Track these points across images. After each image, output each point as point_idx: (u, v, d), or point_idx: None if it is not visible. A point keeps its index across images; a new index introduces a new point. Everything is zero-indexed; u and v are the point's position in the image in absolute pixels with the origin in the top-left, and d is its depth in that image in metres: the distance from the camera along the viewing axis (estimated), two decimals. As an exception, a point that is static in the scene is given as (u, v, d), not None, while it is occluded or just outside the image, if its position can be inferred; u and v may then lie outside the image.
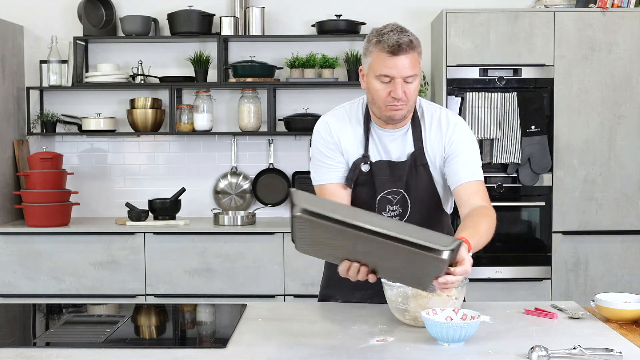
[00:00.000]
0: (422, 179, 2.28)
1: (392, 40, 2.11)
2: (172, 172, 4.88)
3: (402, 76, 2.14)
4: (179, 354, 1.84)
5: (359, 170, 2.28)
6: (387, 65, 2.13)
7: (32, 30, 4.83)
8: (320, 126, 2.35)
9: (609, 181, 4.30)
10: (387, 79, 2.15)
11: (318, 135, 2.34)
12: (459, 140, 2.27)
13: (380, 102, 2.19)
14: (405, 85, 2.15)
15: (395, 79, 2.14)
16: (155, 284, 4.35)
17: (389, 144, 2.29)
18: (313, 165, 2.36)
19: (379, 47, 2.14)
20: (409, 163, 2.27)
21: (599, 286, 4.26)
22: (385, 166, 2.28)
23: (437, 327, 1.87)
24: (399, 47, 2.11)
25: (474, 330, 1.89)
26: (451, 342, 1.88)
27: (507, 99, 4.22)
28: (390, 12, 4.77)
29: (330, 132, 2.32)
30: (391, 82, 2.15)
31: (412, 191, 2.28)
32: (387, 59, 2.13)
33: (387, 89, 2.16)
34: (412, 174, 2.27)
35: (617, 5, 4.31)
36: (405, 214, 2.29)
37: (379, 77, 2.16)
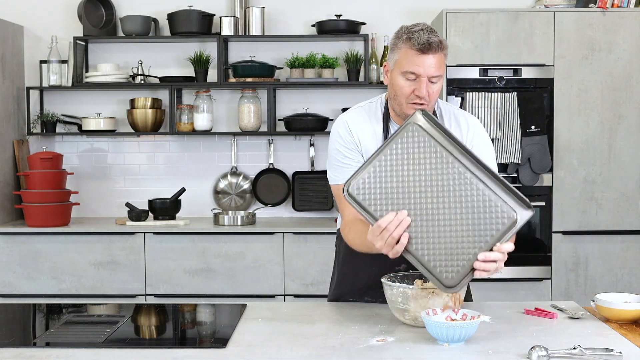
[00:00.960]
0: None
1: (423, 38, 2.13)
2: (172, 172, 4.88)
3: (428, 75, 2.15)
4: (179, 354, 1.85)
5: None
6: (415, 63, 2.14)
7: (32, 30, 4.83)
8: (339, 126, 2.34)
9: (609, 181, 4.30)
10: (413, 77, 2.16)
11: (337, 135, 2.33)
12: (479, 143, 2.29)
13: (402, 98, 2.20)
14: (429, 85, 2.16)
15: (421, 77, 2.15)
16: (155, 284, 4.35)
17: None
18: (331, 166, 2.35)
19: (409, 44, 2.15)
20: None
21: (599, 286, 4.26)
22: None
23: (437, 327, 1.87)
24: (429, 45, 2.12)
25: (473, 330, 1.89)
26: (451, 342, 1.88)
27: (507, 99, 4.22)
28: (390, 12, 4.77)
29: (350, 131, 2.31)
30: (416, 80, 2.16)
31: None
32: (415, 56, 2.14)
33: (411, 86, 2.17)
34: None
35: (617, 5, 4.31)
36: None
37: (405, 74, 2.16)
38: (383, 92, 2.45)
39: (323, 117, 4.66)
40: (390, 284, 2.07)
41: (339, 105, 4.75)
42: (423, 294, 2.00)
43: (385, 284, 2.08)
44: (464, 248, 1.90)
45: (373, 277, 2.30)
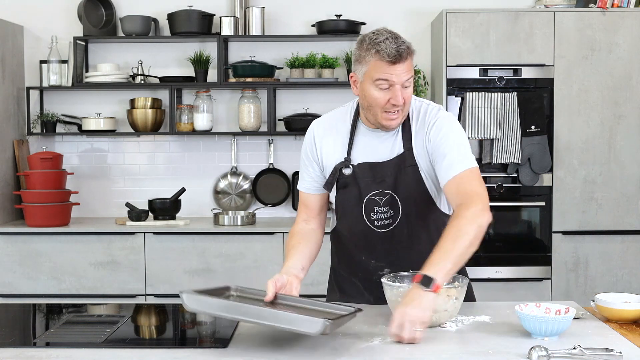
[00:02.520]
0: (411, 180, 2.23)
1: (391, 49, 2.10)
2: (172, 172, 4.88)
3: (401, 82, 2.13)
4: (179, 354, 1.84)
5: (340, 174, 2.27)
6: (387, 72, 2.11)
7: (32, 30, 4.83)
8: (308, 134, 2.38)
9: (609, 181, 4.30)
10: (386, 85, 2.13)
11: (304, 140, 2.39)
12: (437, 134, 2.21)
13: (377, 109, 2.17)
14: (403, 91, 2.14)
15: (394, 85, 2.12)
16: (155, 284, 4.35)
17: (378, 145, 2.26)
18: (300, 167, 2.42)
19: (378, 56, 2.10)
20: (394, 163, 2.23)
21: (599, 286, 4.26)
22: (367, 168, 2.25)
23: (534, 321, 1.91)
24: (400, 56, 2.10)
25: (568, 325, 1.93)
26: (549, 335, 1.91)
27: (507, 99, 4.22)
28: (390, 12, 4.77)
29: (313, 138, 2.34)
30: (390, 89, 2.13)
31: (400, 192, 2.24)
32: (386, 67, 2.11)
33: (386, 95, 2.14)
34: (400, 174, 2.23)
35: (617, 5, 4.31)
36: (397, 215, 2.25)
37: (377, 83, 2.13)
38: None
39: (323, 117, 4.65)
40: (390, 284, 2.07)
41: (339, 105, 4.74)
42: (423, 294, 2.00)
43: (385, 284, 2.08)
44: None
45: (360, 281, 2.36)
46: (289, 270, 2.20)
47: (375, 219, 2.27)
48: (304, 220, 2.39)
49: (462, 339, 1.94)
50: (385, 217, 2.26)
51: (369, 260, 2.32)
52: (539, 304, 2.02)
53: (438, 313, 2.01)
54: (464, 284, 2.08)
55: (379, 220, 2.27)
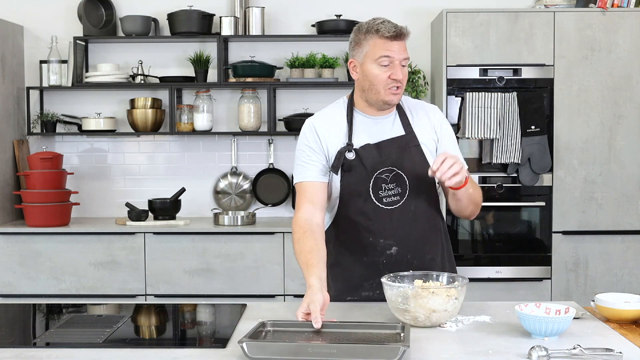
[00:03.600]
0: (416, 158, 2.35)
1: (390, 27, 2.28)
2: (172, 172, 4.88)
3: (400, 58, 2.28)
4: (179, 354, 1.84)
5: (344, 158, 2.33)
6: (387, 48, 2.27)
7: (32, 30, 4.83)
8: (305, 128, 2.43)
9: (609, 181, 4.30)
10: (386, 62, 2.27)
11: (302, 136, 2.42)
12: (444, 126, 2.43)
13: (380, 86, 2.29)
14: (402, 69, 2.29)
15: (394, 61, 2.27)
16: (155, 284, 4.35)
17: (377, 130, 2.37)
18: (295, 168, 2.42)
19: (378, 34, 2.28)
20: (398, 142, 2.35)
21: (599, 286, 4.26)
22: (371, 148, 2.34)
23: (534, 321, 1.91)
24: (400, 31, 2.28)
25: (568, 324, 1.94)
26: (549, 335, 1.91)
27: (507, 99, 4.22)
28: (390, 12, 4.76)
29: (315, 130, 2.39)
30: (390, 65, 2.27)
31: (406, 169, 2.33)
32: (387, 43, 2.27)
33: (386, 72, 2.28)
34: (404, 153, 2.34)
35: (617, 5, 4.31)
36: (405, 192, 2.34)
37: (379, 60, 2.27)
38: None
39: (323, 117, 4.65)
40: (390, 284, 2.07)
41: (339, 105, 4.74)
42: (423, 294, 2.00)
43: (385, 284, 2.08)
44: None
45: (365, 267, 2.37)
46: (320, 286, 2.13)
47: (384, 197, 2.34)
48: (309, 212, 2.34)
49: (462, 339, 1.94)
50: (393, 193, 2.34)
51: (377, 240, 2.35)
52: (539, 304, 2.02)
53: (438, 313, 2.01)
54: (464, 284, 2.08)
55: (387, 197, 2.34)
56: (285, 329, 1.96)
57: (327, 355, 1.74)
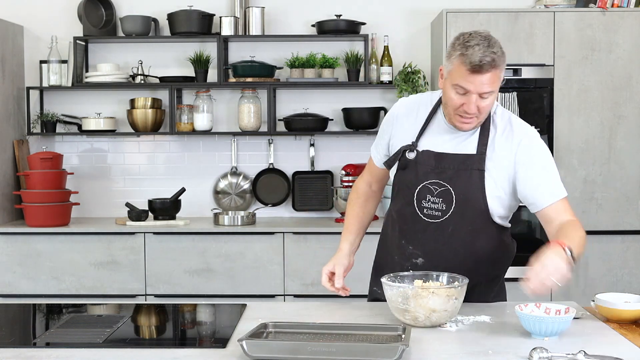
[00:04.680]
0: (473, 182, 2.22)
1: (476, 57, 2.09)
2: (172, 172, 4.88)
3: (479, 92, 2.12)
4: (179, 354, 1.84)
5: (403, 156, 2.30)
6: (466, 80, 2.11)
7: (32, 30, 4.83)
8: (394, 106, 2.43)
9: (609, 181, 4.30)
10: (462, 91, 2.13)
11: (389, 112, 2.43)
12: (528, 159, 2.22)
13: (451, 109, 2.19)
14: (479, 100, 2.14)
15: (471, 94, 2.13)
16: (155, 284, 4.35)
17: (449, 140, 2.27)
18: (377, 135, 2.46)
19: (462, 59, 2.10)
20: (461, 160, 2.23)
21: (599, 286, 4.26)
22: (431, 156, 2.26)
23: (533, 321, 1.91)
24: (480, 67, 2.09)
25: (568, 324, 1.93)
26: (549, 335, 1.91)
27: (507, 99, 4.22)
28: (390, 12, 4.77)
29: (394, 116, 2.39)
30: (466, 95, 2.13)
31: (458, 188, 2.23)
32: (467, 74, 2.10)
33: (461, 100, 2.15)
34: (462, 172, 2.23)
35: (617, 5, 4.31)
36: (449, 211, 2.24)
37: (455, 87, 2.14)
38: (383, 92, 2.50)
39: (323, 117, 4.66)
40: (390, 284, 2.07)
41: (339, 105, 4.75)
42: (423, 294, 2.00)
43: (385, 284, 2.08)
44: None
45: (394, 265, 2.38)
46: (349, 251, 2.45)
47: (425, 207, 2.28)
48: (367, 182, 2.52)
49: (462, 339, 1.94)
50: (436, 208, 2.27)
51: (407, 246, 2.34)
52: (539, 304, 2.02)
53: (438, 313, 2.01)
54: (464, 284, 2.08)
55: (429, 209, 2.28)
56: (287, 330, 1.96)
57: (327, 354, 1.74)
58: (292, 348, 1.77)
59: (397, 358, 1.70)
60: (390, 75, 4.61)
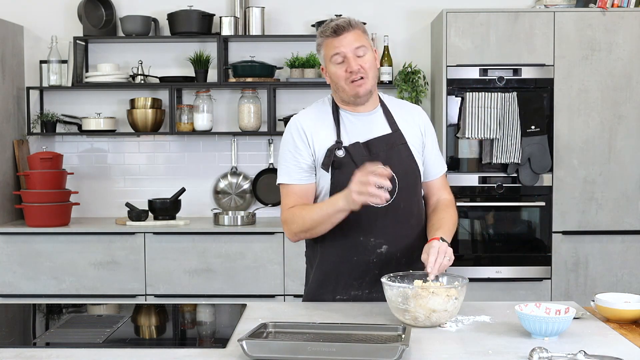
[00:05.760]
0: (403, 157, 2.38)
1: (331, 24, 2.33)
2: (172, 172, 4.88)
3: (351, 49, 2.30)
4: (179, 354, 1.84)
5: (334, 156, 2.34)
6: (334, 45, 2.32)
7: (32, 30, 4.83)
8: (290, 127, 2.42)
9: (609, 181, 4.30)
10: (340, 59, 2.32)
11: (289, 135, 2.41)
12: (430, 128, 2.49)
13: (342, 82, 2.34)
14: (358, 59, 2.31)
15: (346, 55, 2.31)
16: (155, 284, 4.35)
17: (364, 127, 2.39)
18: (280, 167, 2.41)
19: (323, 36, 2.34)
20: (386, 140, 2.37)
21: (599, 286, 4.26)
22: (360, 146, 2.35)
23: (534, 321, 1.91)
24: (339, 28, 2.31)
25: (568, 325, 1.93)
26: (549, 336, 1.91)
27: (507, 99, 4.22)
28: (390, 12, 4.77)
29: (302, 128, 2.39)
30: (344, 61, 2.31)
31: (395, 167, 2.29)
32: (332, 40, 2.32)
33: (342, 67, 2.32)
34: (392, 151, 2.37)
35: (617, 5, 4.31)
36: (394, 190, 2.30)
37: (333, 59, 2.33)
38: (383, 92, 2.52)
39: (323, 117, 4.66)
40: (390, 284, 2.07)
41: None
42: (423, 294, 2.00)
43: (385, 284, 2.08)
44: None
45: (355, 266, 2.37)
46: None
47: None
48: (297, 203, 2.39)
49: (462, 339, 1.94)
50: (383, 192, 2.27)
51: (368, 239, 2.35)
52: (539, 304, 2.02)
53: (438, 313, 2.01)
54: (464, 284, 2.08)
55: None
56: (287, 330, 1.96)
57: (327, 354, 1.74)
58: (292, 348, 1.77)
59: (397, 358, 1.70)
60: (390, 75, 4.61)
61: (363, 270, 2.37)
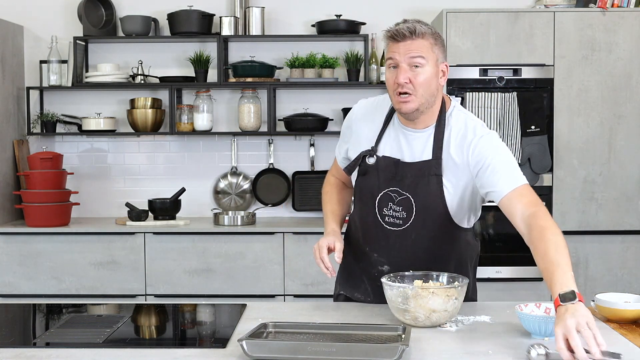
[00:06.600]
0: (431, 189, 2.20)
1: (396, 27, 2.15)
2: (172, 172, 4.88)
3: (406, 58, 2.11)
4: (179, 354, 1.84)
5: (363, 162, 2.28)
6: (392, 50, 2.15)
7: (32, 30, 4.83)
8: (353, 109, 2.42)
9: (609, 181, 4.30)
10: (393, 63, 2.15)
11: (349, 115, 2.42)
12: (485, 150, 2.16)
13: (390, 92, 2.18)
14: (411, 71, 2.12)
15: (399, 64, 2.13)
16: (155, 284, 4.35)
17: (407, 145, 2.24)
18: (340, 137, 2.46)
19: (386, 37, 2.17)
20: (418, 167, 2.20)
21: (599, 286, 4.26)
22: (390, 163, 2.24)
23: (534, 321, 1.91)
24: (400, 33, 2.12)
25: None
26: (550, 336, 1.90)
27: (507, 99, 4.22)
28: (390, 12, 4.77)
29: (354, 116, 2.38)
30: (397, 68, 2.14)
31: (417, 196, 2.21)
32: (392, 45, 2.15)
33: (393, 75, 2.15)
34: (421, 180, 2.20)
35: (617, 5, 4.31)
36: (409, 219, 2.23)
37: (388, 63, 2.17)
38: (383, 92, 2.49)
39: (323, 117, 4.66)
40: (390, 284, 2.07)
41: (339, 105, 4.75)
42: (423, 294, 2.00)
43: (385, 284, 2.08)
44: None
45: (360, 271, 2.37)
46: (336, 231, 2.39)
47: (386, 215, 2.26)
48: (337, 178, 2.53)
49: (462, 339, 1.94)
50: (397, 216, 2.25)
51: (372, 253, 2.32)
52: (539, 304, 2.02)
53: (438, 313, 2.01)
54: (464, 284, 2.08)
55: (390, 217, 2.26)
56: (287, 330, 1.96)
57: (327, 354, 1.74)
58: (292, 348, 1.77)
59: (397, 358, 1.70)
60: (390, 75, 4.60)
61: (366, 278, 2.36)
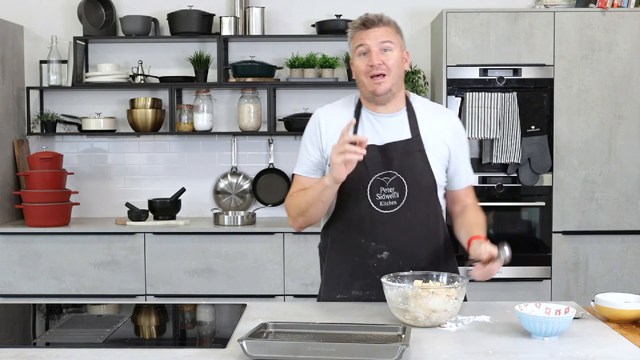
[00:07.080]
0: (418, 164, 2.32)
1: (363, 17, 2.31)
2: (172, 172, 4.88)
3: (377, 43, 2.27)
4: (179, 354, 1.84)
5: None
6: (361, 37, 2.29)
7: (32, 30, 4.83)
8: (311, 118, 2.46)
9: (609, 181, 4.30)
10: (363, 50, 2.28)
11: (307, 126, 2.45)
12: (460, 137, 2.41)
13: (362, 76, 2.30)
14: (383, 54, 2.28)
15: (370, 48, 2.27)
16: (155, 284, 4.35)
17: (383, 129, 2.35)
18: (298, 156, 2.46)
19: (353, 27, 2.32)
20: (402, 146, 2.32)
21: (599, 286, 4.26)
22: (375, 149, 2.31)
23: (534, 321, 1.91)
24: (370, 21, 2.28)
25: (568, 325, 1.93)
26: (549, 336, 1.91)
27: (507, 99, 4.22)
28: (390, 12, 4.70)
29: (318, 123, 2.41)
30: (367, 54, 2.28)
31: (408, 175, 2.30)
32: (361, 32, 2.29)
33: (364, 60, 2.29)
34: (407, 157, 2.31)
35: (617, 5, 4.31)
36: (403, 198, 2.30)
37: (357, 51, 2.30)
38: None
39: (323, 117, 4.66)
40: (390, 284, 2.07)
41: (339, 105, 4.75)
42: (423, 294, 2.00)
43: (385, 284, 2.08)
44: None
45: (356, 267, 2.37)
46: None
47: (380, 200, 2.32)
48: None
49: (462, 339, 1.94)
50: (391, 198, 2.31)
51: (369, 243, 2.34)
52: (539, 304, 2.02)
53: (438, 313, 2.01)
54: (464, 284, 2.08)
55: (384, 201, 2.31)
56: (287, 330, 1.96)
57: (327, 354, 1.74)
58: (292, 348, 1.77)
59: (397, 358, 1.70)
60: (390, 75, 4.61)
61: (363, 272, 2.36)
